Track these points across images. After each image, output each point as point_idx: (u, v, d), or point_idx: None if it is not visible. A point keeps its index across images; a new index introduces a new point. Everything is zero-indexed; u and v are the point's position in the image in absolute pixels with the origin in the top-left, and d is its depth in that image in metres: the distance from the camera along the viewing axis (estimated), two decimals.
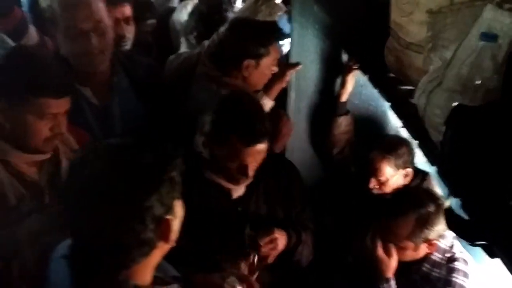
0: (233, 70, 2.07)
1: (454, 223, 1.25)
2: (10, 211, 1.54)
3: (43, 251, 1.51)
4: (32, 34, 2.08)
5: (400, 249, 1.87)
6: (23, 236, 1.53)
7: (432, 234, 1.83)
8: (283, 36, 2.19)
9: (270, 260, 1.75)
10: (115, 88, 2.02)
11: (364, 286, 2.02)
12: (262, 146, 1.67)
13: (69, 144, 1.70)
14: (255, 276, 1.67)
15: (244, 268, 1.66)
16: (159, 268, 1.16)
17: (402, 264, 1.91)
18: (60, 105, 1.56)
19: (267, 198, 1.84)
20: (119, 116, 2.02)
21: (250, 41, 2.04)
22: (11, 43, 2.05)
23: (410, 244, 1.85)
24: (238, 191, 1.80)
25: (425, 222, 1.81)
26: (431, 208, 1.83)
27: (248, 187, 1.80)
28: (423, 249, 1.87)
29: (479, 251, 1.69)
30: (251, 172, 1.70)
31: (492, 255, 1.17)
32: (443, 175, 1.35)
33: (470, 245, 1.21)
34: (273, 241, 1.75)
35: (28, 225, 1.54)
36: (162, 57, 2.45)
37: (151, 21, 2.84)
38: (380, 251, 1.88)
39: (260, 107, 1.77)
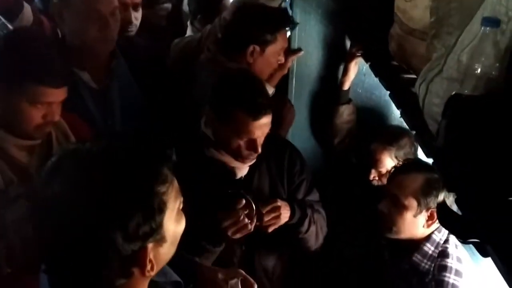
0: (238, 55, 2.02)
1: (446, 218, 1.19)
2: None
3: (29, 235, 1.51)
4: (27, 13, 2.04)
5: (402, 209, 1.82)
6: (10, 220, 1.51)
7: (436, 203, 1.78)
8: (293, 24, 2.13)
9: (270, 230, 1.72)
10: (114, 72, 1.99)
11: (363, 279, 1.99)
12: (268, 118, 1.66)
13: (62, 130, 1.68)
14: (253, 225, 1.65)
15: (243, 216, 1.64)
16: (159, 272, 1.04)
17: (395, 254, 1.88)
18: (58, 95, 1.55)
19: (270, 178, 1.83)
20: (118, 100, 2.00)
21: (257, 26, 1.99)
22: (10, 26, 2.01)
23: (413, 204, 1.80)
24: (242, 170, 1.78)
25: (434, 184, 1.79)
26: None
27: (251, 167, 1.79)
28: (422, 221, 1.82)
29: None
30: (259, 146, 1.69)
31: (484, 254, 1.11)
32: (438, 167, 1.29)
33: (462, 242, 1.15)
34: (276, 209, 1.72)
35: (15, 210, 1.52)
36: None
37: (166, 5, 2.80)
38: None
39: (259, 80, 1.74)
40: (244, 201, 1.66)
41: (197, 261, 1.48)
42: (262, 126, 1.66)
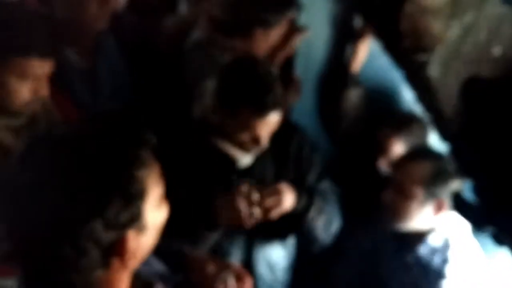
0: (240, 36, 1.97)
1: (461, 206, 1.15)
2: None
3: None
4: None
5: (407, 198, 1.78)
6: None
7: (446, 192, 1.73)
8: (300, 8, 2.07)
9: (273, 215, 1.65)
10: (101, 49, 1.95)
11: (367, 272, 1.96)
12: (276, 115, 1.61)
13: (49, 111, 1.64)
14: (251, 220, 1.58)
15: (239, 199, 1.58)
16: (143, 262, 1.00)
17: (399, 246, 1.84)
18: (45, 66, 1.51)
19: (276, 167, 1.78)
20: (107, 80, 1.96)
21: (265, 9, 1.95)
22: None
23: (419, 193, 1.75)
24: (246, 159, 1.73)
25: (442, 173, 1.74)
26: (450, 167, 1.74)
27: (256, 157, 1.74)
28: (429, 212, 1.77)
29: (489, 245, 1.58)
30: (264, 141, 1.65)
31: (499, 242, 1.07)
32: (453, 152, 1.25)
33: (477, 230, 1.11)
34: (277, 192, 1.64)
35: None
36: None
37: None
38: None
39: (269, 72, 1.67)
40: (244, 188, 1.61)
41: (187, 250, 1.45)
42: (269, 123, 1.62)
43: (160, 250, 1.00)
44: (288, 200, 1.67)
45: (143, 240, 0.92)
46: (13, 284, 1.05)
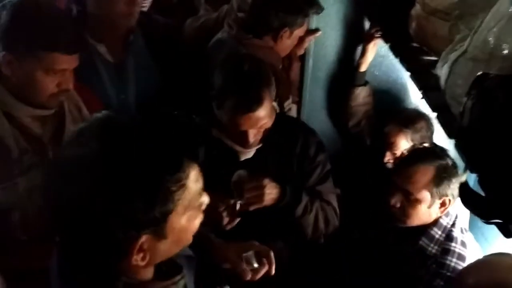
0: (267, 35, 2.04)
1: (468, 199, 1.18)
2: (12, 164, 1.53)
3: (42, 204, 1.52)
4: None
5: (415, 203, 1.79)
6: (24, 189, 1.53)
7: (450, 189, 1.77)
8: (321, 9, 2.15)
9: (251, 208, 1.64)
10: (130, 46, 1.99)
11: (369, 263, 1.97)
12: (259, 114, 1.57)
13: (75, 101, 1.68)
14: (236, 221, 1.59)
15: (222, 208, 1.59)
16: None
17: (400, 238, 1.86)
18: (71, 62, 1.54)
19: (278, 163, 1.75)
20: (134, 74, 2.00)
21: (291, 12, 2.02)
22: None
23: (426, 196, 1.77)
24: (247, 154, 1.72)
25: (445, 173, 1.76)
26: (450, 162, 1.78)
27: (258, 152, 1.72)
28: (435, 210, 1.80)
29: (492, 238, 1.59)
30: (251, 138, 1.63)
31: (507, 234, 1.10)
32: (461, 148, 1.28)
33: (485, 223, 1.14)
34: (259, 188, 1.63)
35: (29, 179, 1.53)
36: (186, 19, 2.39)
37: None
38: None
39: (256, 70, 1.61)
40: (231, 201, 1.61)
41: (209, 235, 1.47)
42: (253, 120, 1.59)
43: None
44: (270, 196, 1.65)
45: (161, 246, 0.92)
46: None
